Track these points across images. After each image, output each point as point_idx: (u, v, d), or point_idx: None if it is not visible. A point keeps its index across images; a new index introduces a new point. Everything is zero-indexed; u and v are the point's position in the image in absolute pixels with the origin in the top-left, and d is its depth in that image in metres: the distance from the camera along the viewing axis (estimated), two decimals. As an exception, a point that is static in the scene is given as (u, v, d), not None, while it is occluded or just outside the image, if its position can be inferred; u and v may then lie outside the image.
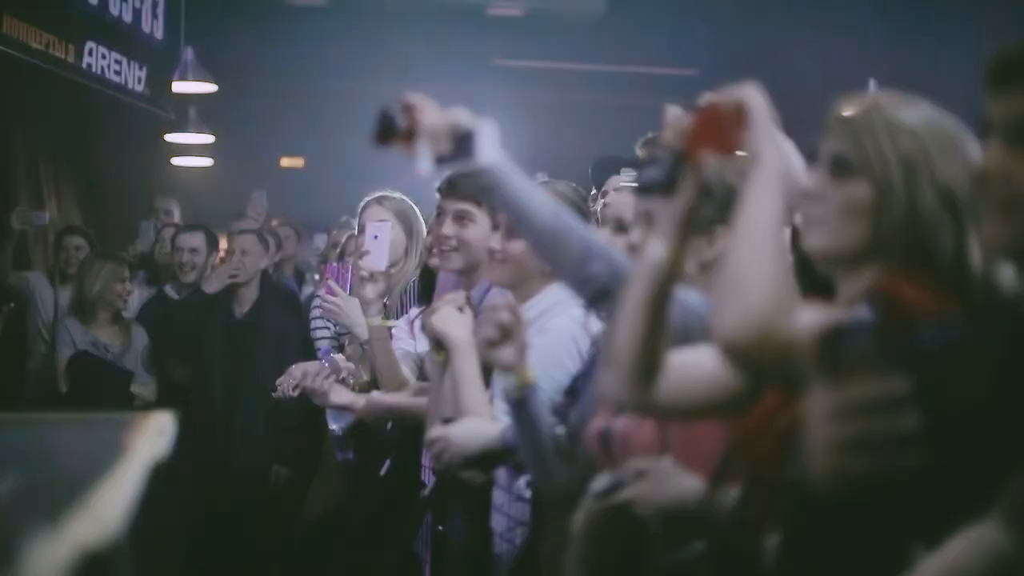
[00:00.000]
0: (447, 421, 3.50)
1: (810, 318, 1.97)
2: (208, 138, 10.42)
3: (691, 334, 2.65)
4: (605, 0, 11.90)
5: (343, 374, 4.93)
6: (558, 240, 2.72)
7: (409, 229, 5.17)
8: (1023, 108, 1.68)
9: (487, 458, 3.46)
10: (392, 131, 2.72)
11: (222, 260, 7.56)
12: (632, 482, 2.53)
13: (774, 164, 2.06)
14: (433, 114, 2.69)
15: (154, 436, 2.66)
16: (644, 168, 2.28)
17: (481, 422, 3.51)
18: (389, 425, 4.83)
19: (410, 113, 2.70)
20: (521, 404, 3.18)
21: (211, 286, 7.16)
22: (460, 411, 3.62)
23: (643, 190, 2.31)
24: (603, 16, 11.92)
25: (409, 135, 2.71)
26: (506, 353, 3.16)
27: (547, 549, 3.34)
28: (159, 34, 8.19)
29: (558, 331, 3.64)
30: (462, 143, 2.67)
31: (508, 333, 3.15)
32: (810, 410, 1.40)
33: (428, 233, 4.96)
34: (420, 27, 11.12)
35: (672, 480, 2.53)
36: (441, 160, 2.68)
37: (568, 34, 11.86)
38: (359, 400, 4.75)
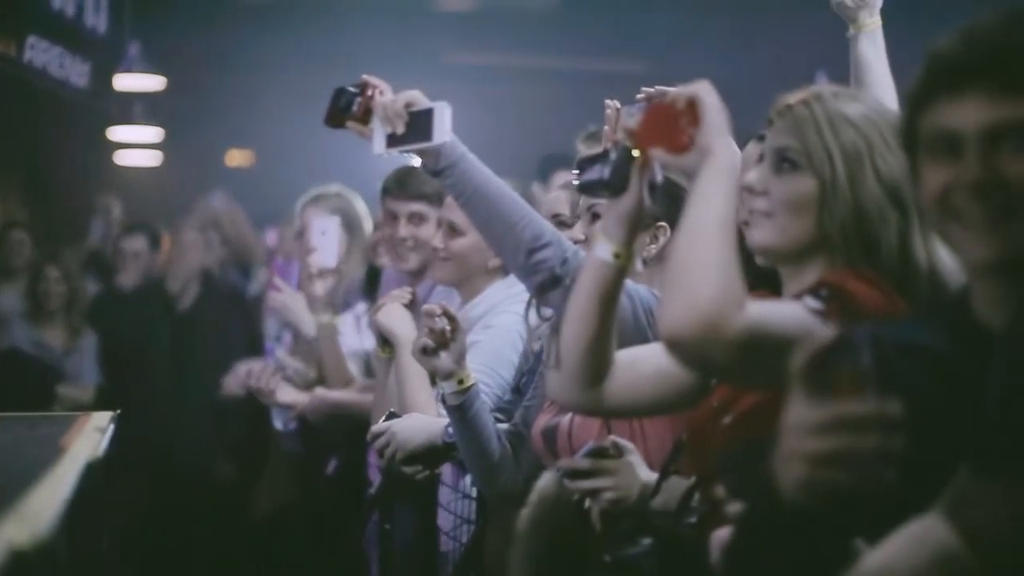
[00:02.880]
0: (391, 416, 3.48)
1: (757, 312, 1.96)
2: (154, 133, 10.35)
3: (644, 330, 2.64)
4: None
5: (289, 372, 4.90)
6: (509, 223, 2.69)
7: (351, 225, 5.15)
8: (991, 112, 1.65)
9: (431, 454, 3.43)
10: (347, 112, 2.70)
11: (166, 257, 7.52)
12: (600, 468, 2.51)
13: (724, 160, 2.05)
14: (388, 95, 2.67)
15: (91, 436, 2.64)
16: (591, 166, 2.26)
17: (425, 418, 3.49)
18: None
19: (365, 94, 2.69)
20: (461, 409, 3.15)
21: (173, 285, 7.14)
22: (405, 407, 3.60)
23: (589, 188, 2.29)
24: (556, 9, 11.92)
25: (364, 116, 2.69)
26: (443, 359, 3.13)
27: (493, 546, 3.33)
28: (103, 27, 8.11)
29: (503, 328, 3.63)
30: (416, 124, 2.65)
31: (444, 339, 3.12)
32: (788, 421, 1.39)
33: (375, 231, 4.94)
34: (370, 21, 11.08)
35: (636, 473, 2.52)
36: (395, 141, 2.67)
37: (520, 28, 11.85)
38: (305, 398, 4.73)
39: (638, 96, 2.57)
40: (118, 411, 2.77)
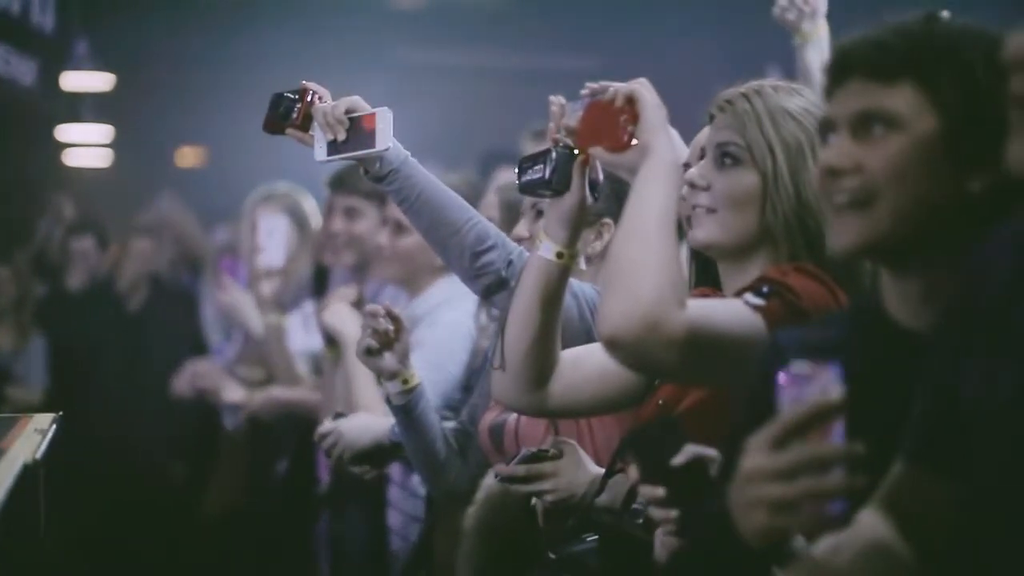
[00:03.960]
0: (338, 415, 3.46)
1: (698, 311, 1.96)
2: (104, 132, 10.28)
3: (589, 329, 2.63)
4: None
5: (238, 371, 4.89)
6: (453, 228, 2.68)
7: (300, 224, 5.12)
8: (865, 99, 1.68)
9: (378, 453, 3.42)
10: (286, 118, 2.67)
11: (114, 258, 7.48)
12: (537, 474, 2.50)
13: (664, 157, 2.04)
14: (328, 101, 2.65)
15: (31, 438, 2.61)
16: (531, 166, 2.25)
17: (372, 417, 3.47)
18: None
19: (304, 100, 2.66)
20: (406, 409, 3.14)
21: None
22: (353, 406, 3.58)
23: (530, 188, 2.28)
24: (508, 6, 11.91)
25: (303, 123, 2.66)
26: (387, 359, 3.11)
27: (441, 545, 3.32)
28: (49, 25, 8.03)
29: (450, 326, 3.62)
30: (357, 130, 2.63)
31: (387, 339, 3.10)
32: (747, 468, 1.38)
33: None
34: (322, 19, 11.04)
35: (579, 471, 2.51)
36: (337, 148, 2.64)
37: (472, 25, 11.84)
38: (253, 397, 4.71)
39: (582, 92, 2.56)
40: (60, 413, 2.73)
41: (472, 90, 12.31)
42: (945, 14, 1.76)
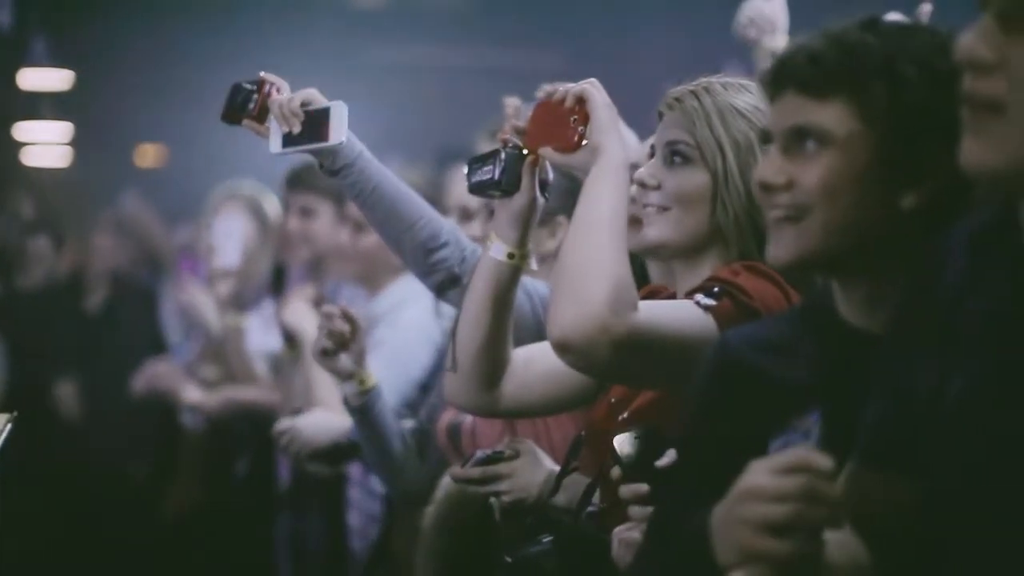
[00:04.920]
0: (296, 412, 3.45)
1: (649, 313, 1.96)
2: (63, 130, 10.21)
3: (543, 329, 2.63)
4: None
5: (197, 370, 4.87)
6: (407, 223, 2.67)
7: (262, 223, 5.10)
8: (797, 114, 1.68)
9: (335, 452, 3.41)
10: (243, 109, 2.67)
11: (71, 257, 7.45)
12: (492, 475, 2.50)
13: (614, 158, 2.04)
14: (285, 93, 2.64)
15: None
16: (481, 166, 2.25)
17: (330, 415, 3.46)
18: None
19: (262, 91, 2.65)
20: (363, 410, 3.13)
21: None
22: (312, 405, 3.57)
23: (480, 189, 2.27)
24: (469, 5, 11.89)
25: (260, 114, 2.65)
26: (343, 361, 3.10)
27: (400, 545, 3.31)
28: (6, 23, 7.98)
29: (410, 325, 3.62)
30: (313, 123, 2.62)
31: (343, 340, 3.09)
32: (743, 485, 1.39)
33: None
34: (282, 17, 11.00)
35: (536, 470, 2.52)
36: (292, 140, 2.63)
37: (433, 24, 11.81)
38: (212, 397, 4.69)
39: (538, 93, 2.56)
40: (15, 413, 2.72)
41: (435, 88, 12.30)
42: (899, 16, 1.77)
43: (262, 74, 2.68)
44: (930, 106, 1.60)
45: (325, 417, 3.45)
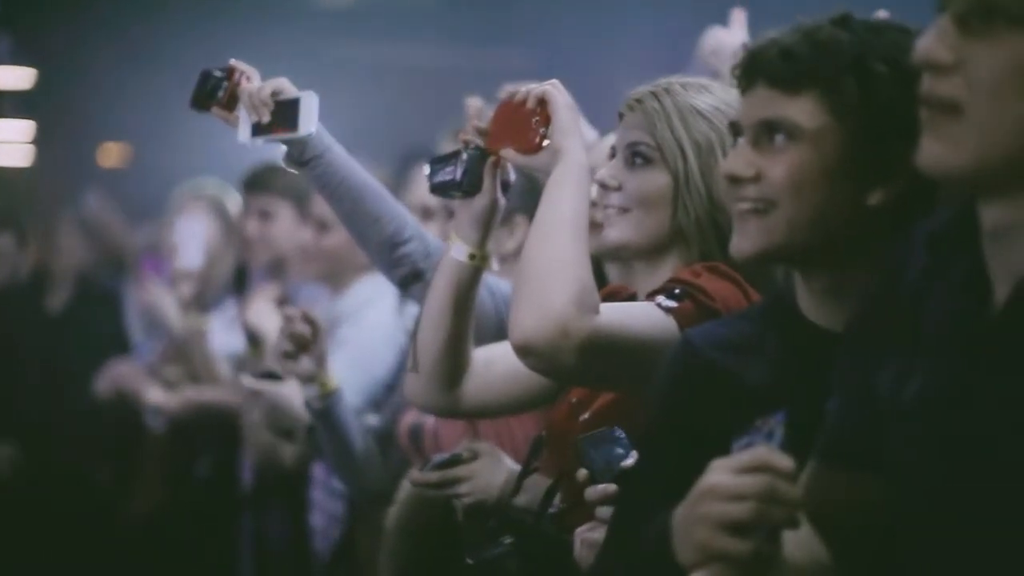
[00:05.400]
0: (268, 375, 3.41)
1: (610, 316, 1.96)
2: (25, 128, 10.16)
3: (505, 329, 2.63)
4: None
5: (160, 371, 4.85)
6: (373, 217, 2.66)
7: (225, 221, 5.08)
8: (768, 107, 1.69)
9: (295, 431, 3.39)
10: (212, 97, 2.64)
11: (34, 257, 7.40)
12: (451, 478, 2.49)
13: (576, 160, 2.05)
14: (255, 82, 2.62)
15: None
16: (442, 166, 2.24)
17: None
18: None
19: (232, 79, 2.63)
20: (324, 413, 3.12)
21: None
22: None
23: (441, 190, 2.27)
24: (435, 2, 11.88)
25: (229, 102, 2.63)
26: (304, 364, 3.09)
27: (363, 545, 3.31)
28: (-32, 21, 7.94)
29: (373, 324, 3.61)
30: (283, 112, 2.60)
31: (305, 343, 3.08)
32: (705, 484, 1.39)
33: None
34: (247, 13, 10.97)
35: (496, 471, 2.51)
36: (261, 130, 2.61)
37: (400, 22, 11.79)
38: (174, 397, 4.67)
39: (500, 94, 2.55)
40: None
41: (399, 87, 12.27)
42: (883, 13, 1.77)
43: (232, 61, 2.66)
44: (899, 104, 1.61)
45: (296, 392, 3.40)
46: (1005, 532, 1.31)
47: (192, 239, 4.65)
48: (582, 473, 1.98)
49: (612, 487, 1.92)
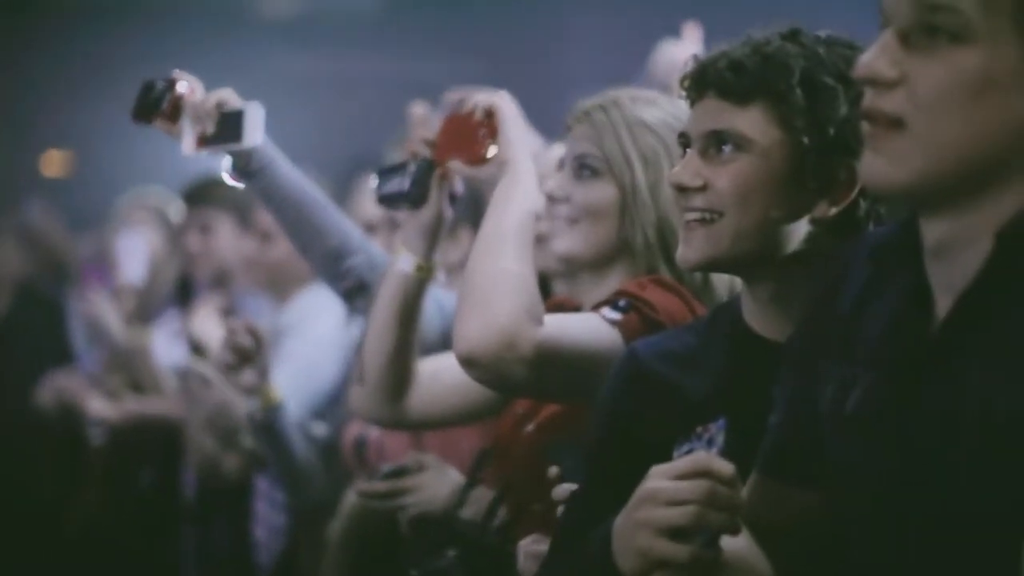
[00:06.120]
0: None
1: (555, 327, 1.96)
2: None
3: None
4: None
5: (102, 381, 4.81)
6: (318, 229, 2.65)
7: (168, 231, 5.05)
8: (717, 118, 1.71)
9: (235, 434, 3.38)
10: (155, 108, 2.61)
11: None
12: (398, 490, 2.48)
13: (522, 172, 2.06)
14: (199, 93, 2.59)
15: None
16: (390, 177, 2.24)
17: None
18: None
19: (175, 90, 2.60)
20: (266, 425, 3.11)
21: None
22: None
23: (388, 201, 2.27)
24: (382, 11, 11.86)
25: (172, 113, 2.60)
26: (247, 376, 3.07)
27: (306, 557, 3.30)
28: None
29: (318, 336, 3.59)
30: (227, 124, 2.57)
31: (247, 356, 3.06)
32: (644, 490, 1.39)
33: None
34: (193, 22, 10.92)
35: (441, 483, 2.50)
36: (205, 141, 2.59)
37: (346, 32, 11.77)
38: (116, 408, 4.64)
39: (446, 98, 2.55)
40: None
41: (345, 98, 12.25)
42: (834, 30, 1.79)
43: (175, 72, 2.63)
44: (846, 118, 1.64)
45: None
46: (945, 543, 1.32)
47: (134, 253, 4.62)
48: (553, 471, 1.98)
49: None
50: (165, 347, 4.65)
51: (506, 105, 2.11)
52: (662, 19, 3.47)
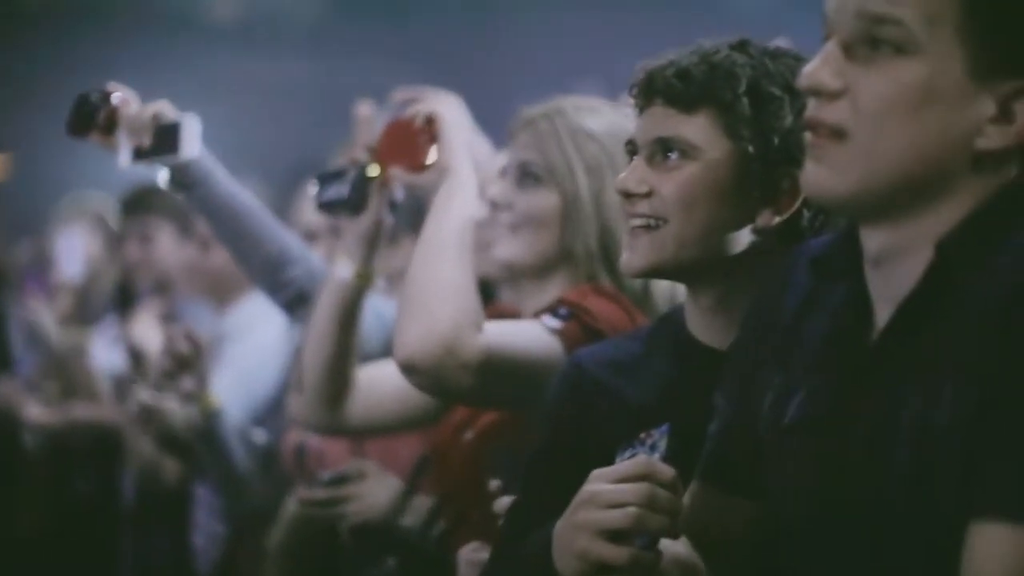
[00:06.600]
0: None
1: (495, 334, 1.96)
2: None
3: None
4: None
5: (39, 387, 4.77)
6: (256, 240, 2.64)
7: (107, 237, 5.02)
8: (664, 125, 1.72)
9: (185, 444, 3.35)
10: (90, 121, 2.58)
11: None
12: (339, 497, 2.47)
13: (463, 178, 2.06)
14: (134, 105, 2.57)
15: None
16: (329, 184, 2.24)
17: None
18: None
19: (109, 103, 2.57)
20: (205, 433, 3.09)
21: None
22: None
23: (328, 207, 2.27)
24: (326, 17, 11.84)
25: (108, 126, 2.58)
26: (185, 383, 3.06)
27: (245, 565, 3.28)
28: None
29: (259, 342, 3.58)
30: (164, 136, 2.56)
31: (186, 362, 3.05)
32: (585, 494, 1.39)
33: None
34: (134, 29, 10.86)
35: (381, 491, 2.50)
36: (141, 154, 2.57)
37: (289, 37, 11.74)
38: (53, 414, 4.60)
39: (391, 101, 2.54)
40: None
41: (290, 103, 12.21)
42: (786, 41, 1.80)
43: (110, 84, 2.61)
44: (792, 128, 1.65)
45: None
46: (883, 551, 1.33)
47: (72, 251, 4.60)
48: (495, 483, 1.98)
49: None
50: (104, 352, 4.62)
51: (448, 111, 2.11)
52: (603, 22, 3.49)
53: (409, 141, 2.11)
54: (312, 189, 2.30)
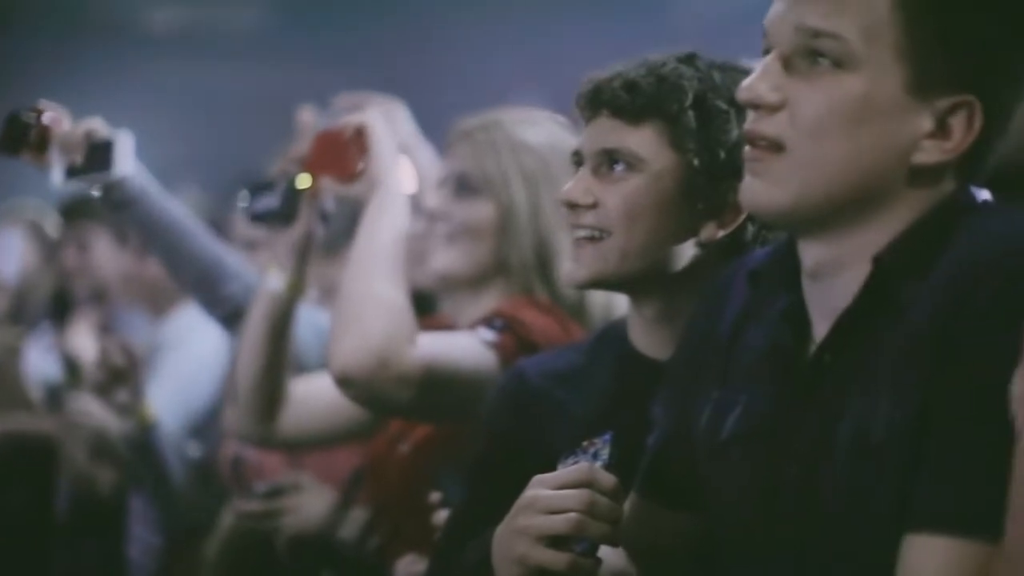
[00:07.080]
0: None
1: (429, 347, 1.96)
2: None
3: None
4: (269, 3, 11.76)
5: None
6: (191, 256, 2.62)
7: (44, 244, 4.97)
8: (610, 137, 1.72)
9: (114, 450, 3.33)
10: (22, 140, 2.56)
11: None
12: (275, 511, 2.46)
13: (393, 190, 2.07)
14: (66, 123, 2.55)
15: None
16: (259, 195, 2.23)
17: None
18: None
19: (41, 121, 2.55)
20: (139, 445, 3.07)
21: None
22: None
23: (259, 218, 2.26)
24: (267, 25, 11.79)
25: (40, 144, 2.55)
26: (120, 395, 3.04)
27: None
28: None
29: (196, 352, 3.55)
30: (97, 154, 2.53)
31: (121, 374, 3.02)
32: (525, 500, 1.38)
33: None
34: (70, 38, 10.76)
35: (317, 504, 2.49)
36: (74, 172, 2.54)
37: (232, 48, 11.68)
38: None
39: (334, 107, 2.53)
40: None
41: (231, 113, 12.13)
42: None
43: (41, 102, 2.59)
44: (737, 141, 1.65)
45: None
46: (819, 565, 1.33)
47: (7, 252, 4.55)
48: (435, 496, 1.98)
49: None
50: (38, 361, 4.57)
51: (377, 122, 2.11)
52: (554, 28, 3.49)
53: (339, 152, 2.11)
54: (242, 200, 2.29)
